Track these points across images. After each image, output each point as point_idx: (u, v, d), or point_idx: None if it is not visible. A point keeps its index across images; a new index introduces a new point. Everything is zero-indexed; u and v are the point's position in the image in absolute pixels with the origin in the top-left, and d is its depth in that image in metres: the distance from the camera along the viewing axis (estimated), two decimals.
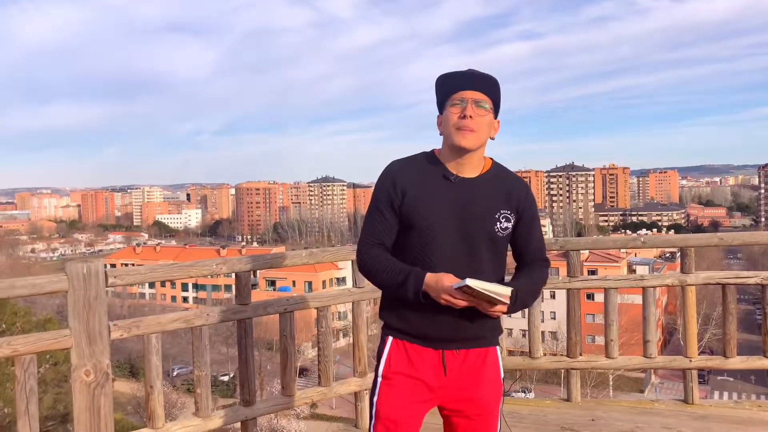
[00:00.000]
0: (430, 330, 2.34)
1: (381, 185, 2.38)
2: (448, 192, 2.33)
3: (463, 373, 2.37)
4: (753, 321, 52.57)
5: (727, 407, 4.74)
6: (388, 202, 2.35)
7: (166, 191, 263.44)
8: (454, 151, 2.33)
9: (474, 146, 2.30)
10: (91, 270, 3.17)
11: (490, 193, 2.36)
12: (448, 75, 2.36)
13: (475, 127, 2.27)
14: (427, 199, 2.32)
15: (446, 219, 2.31)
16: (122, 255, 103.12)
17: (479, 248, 2.33)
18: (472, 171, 2.36)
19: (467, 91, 2.29)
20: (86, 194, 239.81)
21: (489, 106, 2.32)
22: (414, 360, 2.36)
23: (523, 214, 2.41)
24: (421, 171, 2.36)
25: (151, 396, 3.55)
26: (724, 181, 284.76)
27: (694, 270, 4.77)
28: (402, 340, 2.38)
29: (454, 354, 2.36)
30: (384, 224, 2.36)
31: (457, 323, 2.32)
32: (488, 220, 2.33)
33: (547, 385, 46.74)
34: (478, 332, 2.38)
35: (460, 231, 2.31)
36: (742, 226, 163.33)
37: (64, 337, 3.17)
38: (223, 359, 50.27)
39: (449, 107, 2.31)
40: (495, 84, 2.35)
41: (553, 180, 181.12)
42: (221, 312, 3.86)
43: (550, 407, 4.80)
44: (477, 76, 2.32)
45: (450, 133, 2.30)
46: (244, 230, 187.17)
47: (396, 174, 2.36)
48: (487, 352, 2.41)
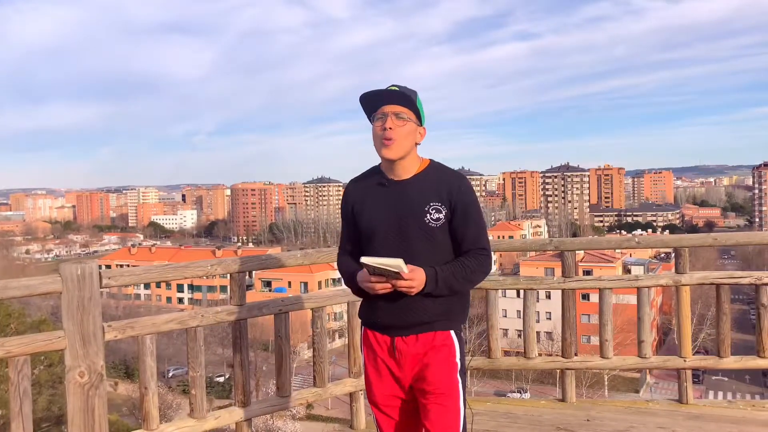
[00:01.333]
0: (380, 318, 2.60)
1: (342, 201, 2.76)
2: (384, 195, 2.60)
3: (414, 357, 2.57)
4: (747, 321, 52.76)
5: (722, 407, 4.76)
6: (346, 215, 2.72)
7: (161, 192, 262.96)
8: (385, 161, 2.59)
9: (396, 156, 2.53)
10: (85, 271, 3.16)
11: (422, 188, 2.57)
12: (368, 93, 2.56)
13: (395, 137, 2.50)
14: (368, 205, 2.63)
15: (382, 218, 2.57)
16: (117, 256, 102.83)
17: (412, 241, 2.53)
18: (405, 173, 2.59)
19: (386, 106, 2.53)
20: (81, 195, 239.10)
21: (407, 116, 2.53)
22: (375, 348, 2.65)
23: (456, 206, 2.55)
24: (366, 183, 2.68)
25: (145, 397, 3.55)
26: (719, 181, 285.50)
27: (688, 270, 4.79)
28: (368, 329, 2.69)
29: (403, 340, 2.57)
30: (347, 234, 2.74)
31: (402, 310, 2.53)
32: (418, 212, 2.53)
33: (542, 386, 46.78)
34: (424, 317, 2.54)
35: (395, 227, 2.55)
36: (736, 226, 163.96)
37: (58, 339, 3.16)
38: (219, 360, 50.20)
39: (374, 123, 2.56)
40: (411, 96, 2.55)
41: (549, 180, 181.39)
42: (216, 313, 3.85)
43: (545, 407, 4.81)
44: (394, 92, 2.53)
45: (376, 146, 2.56)
46: (239, 231, 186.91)
47: (348, 192, 2.74)
48: (435, 336, 2.57)
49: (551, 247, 5.05)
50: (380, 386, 2.65)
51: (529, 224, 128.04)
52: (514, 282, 5.34)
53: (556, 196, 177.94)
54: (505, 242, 6.09)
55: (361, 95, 2.59)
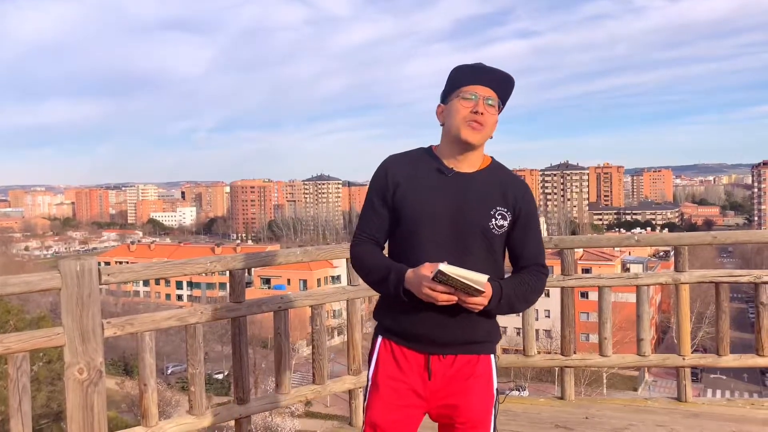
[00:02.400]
0: (416, 330, 2.23)
1: (376, 178, 2.32)
2: (442, 185, 2.25)
3: (449, 380, 2.25)
4: (746, 319, 52.81)
5: (720, 405, 4.76)
6: (381, 194, 2.29)
7: (160, 189, 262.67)
8: (456, 145, 2.26)
9: (480, 142, 2.25)
10: (84, 267, 3.16)
11: (487, 188, 2.27)
12: (464, 66, 2.29)
13: (484, 123, 2.22)
14: (419, 191, 2.24)
15: (437, 213, 2.22)
16: (116, 253, 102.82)
17: (472, 245, 2.22)
18: (469, 167, 2.28)
19: (480, 87, 2.23)
20: (80, 192, 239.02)
21: (497, 104, 2.26)
22: (401, 363, 2.27)
23: (520, 214, 2.30)
24: (417, 164, 2.30)
25: (144, 394, 3.55)
26: (718, 180, 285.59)
27: (687, 268, 4.79)
28: (390, 341, 2.30)
29: (440, 359, 2.24)
30: (376, 218, 2.31)
31: (445, 324, 2.21)
32: (483, 215, 2.23)
33: (541, 383, 46.84)
34: (469, 336, 2.25)
35: (452, 226, 2.21)
36: (735, 224, 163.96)
37: (57, 335, 3.16)
38: (218, 357, 50.21)
39: (459, 99, 2.24)
40: (510, 83, 2.29)
41: (548, 179, 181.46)
42: (215, 310, 3.85)
43: (544, 405, 4.81)
44: (493, 73, 2.26)
45: (457, 125, 2.23)
46: (238, 228, 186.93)
47: (390, 166, 2.31)
48: (478, 360, 2.28)
49: (550, 246, 5.04)
50: (393, 412, 2.25)
51: None
52: None
53: (556, 194, 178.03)
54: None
55: (457, 66, 2.29)
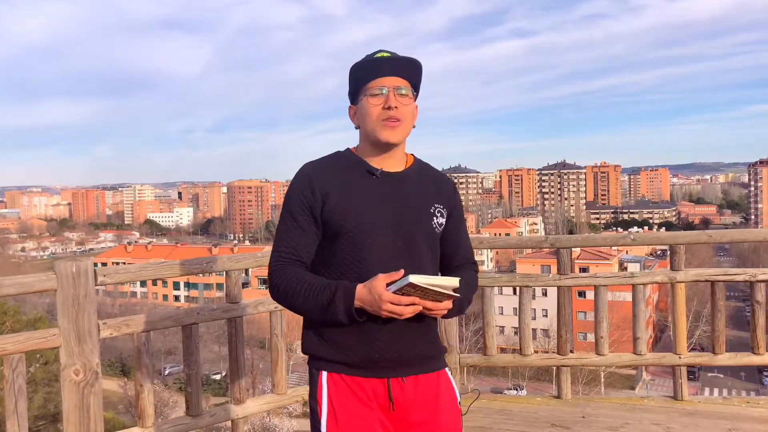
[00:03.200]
0: (376, 354, 1.97)
1: (297, 189, 2.05)
2: (376, 189, 2.04)
3: (415, 406, 2.02)
4: (744, 317, 52.93)
5: (716, 403, 4.77)
6: (307, 208, 2.02)
7: (157, 189, 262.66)
8: (376, 147, 2.06)
9: (401, 139, 2.06)
10: (80, 269, 3.15)
11: (421, 186, 2.12)
12: (363, 61, 2.07)
13: (400, 117, 2.02)
14: (354, 199, 2.02)
15: (379, 219, 2.01)
16: (113, 254, 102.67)
17: (420, 248, 2.05)
18: (396, 165, 2.10)
19: (386, 78, 2.02)
20: (77, 192, 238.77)
21: (410, 93, 2.06)
22: (360, 395, 1.98)
23: (453, 211, 2.17)
24: (342, 170, 2.07)
25: (141, 395, 3.54)
26: (715, 178, 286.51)
27: (683, 267, 4.80)
28: (339, 374, 1.99)
29: (401, 383, 2.00)
30: (302, 236, 2.02)
31: (406, 342, 2.00)
32: (424, 214, 2.08)
33: (539, 382, 46.91)
34: (426, 351, 2.06)
35: (396, 230, 2.02)
36: (732, 223, 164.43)
37: (53, 336, 3.15)
38: (215, 358, 50.18)
39: (368, 97, 2.03)
40: (416, 66, 2.08)
41: (545, 178, 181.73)
42: (211, 311, 3.85)
43: (540, 404, 4.82)
44: (396, 60, 2.05)
45: (373, 127, 2.03)
46: (235, 229, 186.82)
47: (313, 175, 2.04)
48: (439, 377, 2.09)
49: (547, 245, 5.06)
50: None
51: (526, 221, 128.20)
52: (510, 279, 5.35)
53: (553, 194, 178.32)
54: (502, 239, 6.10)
55: (354, 65, 2.08)
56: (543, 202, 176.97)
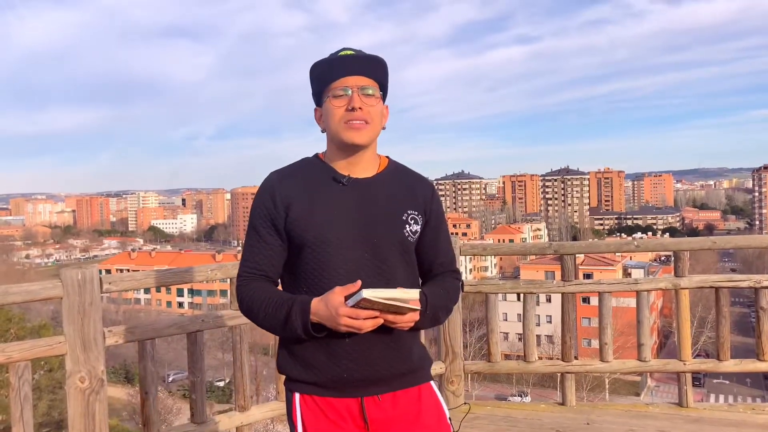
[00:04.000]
0: (344, 373, 1.88)
1: (260, 201, 1.98)
2: (343, 197, 1.94)
3: (394, 423, 1.92)
4: (749, 323, 52.73)
5: (721, 410, 4.76)
6: (269, 221, 1.95)
7: (161, 196, 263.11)
8: (343, 150, 1.97)
9: (368, 141, 1.95)
10: (86, 276, 3.17)
11: (393, 192, 2.00)
12: (324, 60, 1.98)
13: (366, 118, 1.92)
14: (318, 209, 1.93)
15: (345, 229, 1.91)
16: (117, 260, 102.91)
17: (389, 259, 1.94)
18: (366, 170, 2.00)
19: (349, 77, 1.93)
20: (81, 199, 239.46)
21: (376, 92, 1.96)
22: (332, 417, 1.90)
23: (430, 216, 2.05)
24: (306, 178, 1.98)
25: (146, 402, 3.55)
26: (719, 184, 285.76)
27: (687, 273, 4.80)
28: (311, 395, 1.92)
29: (376, 401, 1.90)
30: (266, 250, 1.96)
31: (378, 358, 1.89)
32: (396, 223, 1.96)
33: (543, 389, 46.77)
34: (405, 365, 1.95)
35: (363, 241, 1.92)
36: (736, 228, 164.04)
37: (58, 344, 3.17)
38: (219, 364, 50.15)
39: (331, 99, 1.94)
40: (380, 64, 1.99)
41: (549, 184, 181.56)
42: (216, 318, 3.86)
43: (545, 411, 4.81)
44: (359, 58, 1.95)
45: (337, 130, 1.93)
46: (239, 235, 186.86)
47: (275, 185, 1.96)
48: (420, 391, 1.98)
49: (551, 251, 5.06)
50: None
51: (529, 227, 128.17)
52: (514, 286, 5.35)
53: (556, 200, 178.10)
54: (505, 246, 6.11)
55: (314, 64, 1.99)
56: (546, 208, 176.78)
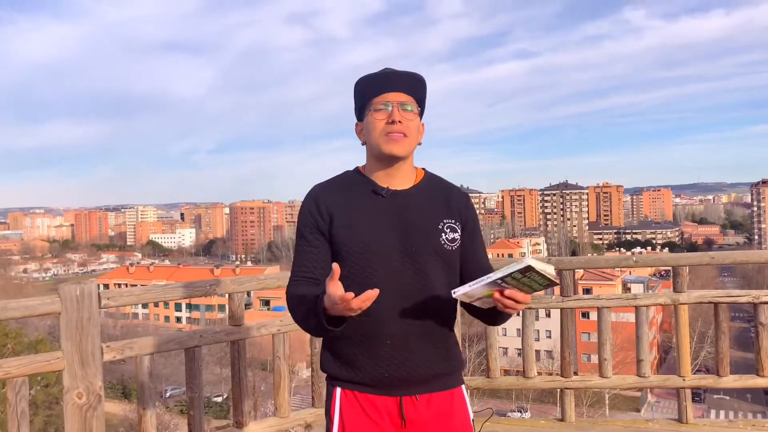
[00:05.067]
0: (385, 373, 2.00)
1: (306, 212, 2.10)
2: (382, 208, 2.06)
3: (428, 423, 2.03)
4: (749, 339, 52.56)
5: (722, 426, 4.75)
6: (315, 228, 2.07)
7: (159, 210, 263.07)
8: (382, 162, 2.09)
9: (406, 153, 2.07)
10: (84, 292, 3.17)
11: (429, 202, 2.11)
12: (368, 77, 2.12)
13: (405, 131, 2.04)
14: (359, 219, 2.04)
15: (384, 238, 2.03)
16: (115, 275, 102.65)
17: (427, 268, 2.03)
18: (404, 182, 2.11)
19: (390, 94, 2.06)
20: (79, 214, 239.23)
21: (415, 108, 2.09)
22: (370, 413, 2.02)
23: (466, 224, 2.15)
24: (348, 190, 2.10)
25: (143, 418, 3.54)
26: (717, 199, 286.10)
27: (686, 289, 4.79)
28: (352, 391, 2.05)
29: (413, 402, 2.02)
30: (313, 254, 2.07)
31: (418, 361, 2.02)
32: (432, 232, 2.07)
33: (542, 405, 46.49)
34: (442, 368, 2.07)
35: (402, 249, 2.02)
36: (735, 243, 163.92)
37: (56, 359, 3.16)
38: (216, 380, 49.84)
39: (372, 112, 2.07)
40: (420, 82, 2.13)
41: (547, 198, 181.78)
42: (215, 333, 3.86)
43: (544, 427, 4.79)
44: (400, 76, 2.10)
45: (377, 141, 2.05)
46: (238, 249, 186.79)
47: (320, 197, 2.09)
48: (453, 395, 2.09)
49: None
50: None
51: (528, 242, 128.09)
52: None
53: (555, 214, 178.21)
54: (505, 261, 6.09)
55: (359, 80, 2.12)
56: (545, 223, 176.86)
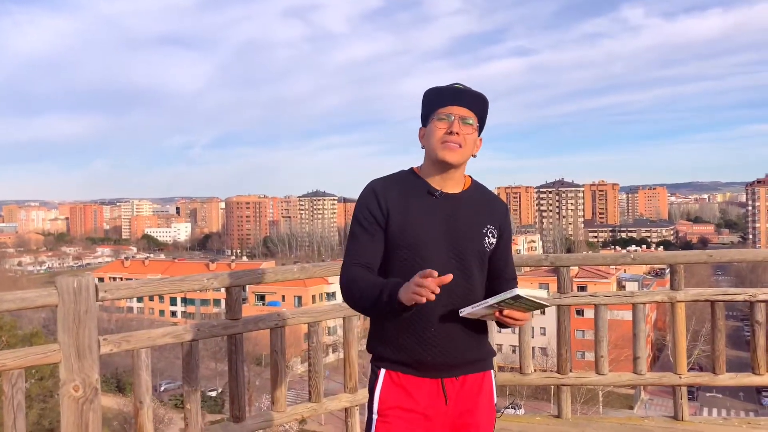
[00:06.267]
0: (429, 357, 2.23)
1: (363, 203, 2.29)
2: (435, 208, 2.27)
3: (461, 400, 2.28)
4: (742, 337, 52.78)
5: (717, 424, 4.76)
6: (373, 220, 2.26)
7: (155, 204, 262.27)
8: (437, 166, 2.29)
9: (458, 162, 2.27)
10: (81, 284, 3.15)
11: (476, 208, 2.33)
12: (437, 89, 2.33)
13: (461, 142, 2.25)
14: (414, 215, 2.25)
15: (435, 236, 2.24)
16: (110, 269, 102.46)
17: (471, 265, 2.27)
18: (454, 187, 2.32)
19: (455, 107, 2.26)
20: (74, 207, 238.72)
21: (475, 124, 2.29)
22: (411, 392, 2.25)
23: (503, 232, 2.39)
24: (404, 188, 2.30)
25: (140, 411, 3.52)
26: (712, 197, 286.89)
27: (683, 287, 4.81)
28: (396, 372, 2.27)
29: (453, 381, 2.27)
30: (369, 243, 2.26)
31: (456, 347, 2.25)
32: (477, 235, 2.29)
33: (537, 401, 46.63)
34: (478, 355, 2.32)
35: (450, 248, 2.24)
36: (730, 242, 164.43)
37: (53, 352, 3.14)
38: (212, 374, 49.88)
39: (435, 121, 2.28)
40: (484, 101, 2.33)
41: (543, 196, 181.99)
42: (212, 327, 3.84)
43: (540, 424, 4.80)
44: (466, 93, 2.30)
45: (435, 147, 2.26)
46: (233, 244, 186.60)
47: (379, 191, 2.28)
48: (483, 377, 2.34)
49: (547, 263, 5.06)
50: None
51: (524, 239, 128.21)
52: None
53: (551, 212, 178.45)
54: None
55: (429, 88, 2.33)
56: (541, 220, 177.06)
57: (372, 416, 2.29)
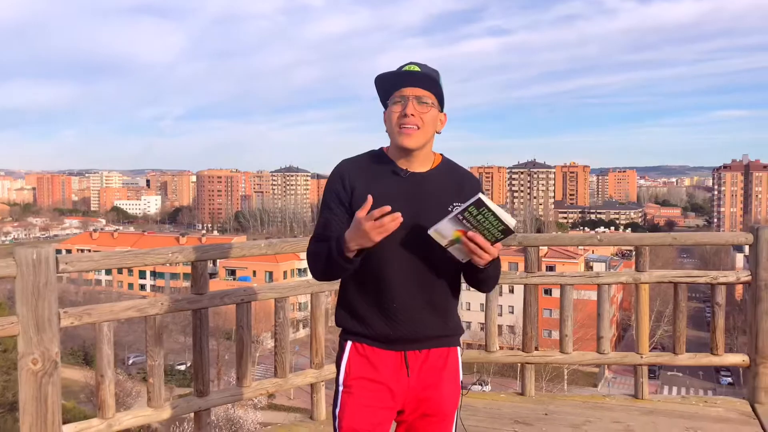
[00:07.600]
0: (391, 331, 2.29)
1: (330, 183, 2.36)
2: (399, 186, 2.29)
3: (424, 373, 2.33)
4: (703, 318, 54.18)
5: (675, 402, 4.87)
6: (338, 199, 2.32)
7: (125, 176, 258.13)
8: (399, 150, 2.31)
9: (417, 145, 2.27)
10: (41, 255, 3.08)
11: (442, 186, 2.33)
12: (386, 74, 2.30)
13: (418, 124, 2.24)
14: (377, 194, 2.21)
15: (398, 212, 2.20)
16: (78, 240, 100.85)
17: (432, 241, 2.24)
18: (421, 166, 2.33)
19: (407, 88, 2.25)
20: (42, 177, 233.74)
21: (431, 101, 2.27)
22: (375, 363, 2.30)
23: None
24: (371, 168, 2.34)
25: (102, 385, 3.49)
26: (680, 181, 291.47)
27: (648, 268, 4.88)
28: (362, 344, 2.33)
29: (416, 354, 2.32)
30: (335, 220, 2.31)
31: (420, 321, 2.29)
32: (442, 211, 2.25)
33: (504, 378, 47.41)
34: (443, 331, 2.36)
35: (412, 224, 2.23)
36: (696, 226, 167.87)
37: (11, 324, 3.08)
38: (180, 348, 49.63)
39: (391, 105, 2.28)
40: (435, 77, 2.30)
41: (515, 176, 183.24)
42: (176, 301, 3.80)
43: (504, 401, 4.86)
44: (415, 72, 2.27)
45: (392, 132, 2.28)
46: (204, 218, 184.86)
47: (344, 171, 2.34)
48: (449, 353, 2.38)
49: (515, 243, 5.09)
50: (371, 416, 2.26)
51: None
52: None
53: (522, 192, 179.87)
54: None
55: (378, 76, 2.30)
56: (512, 200, 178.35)
57: (338, 388, 2.34)
